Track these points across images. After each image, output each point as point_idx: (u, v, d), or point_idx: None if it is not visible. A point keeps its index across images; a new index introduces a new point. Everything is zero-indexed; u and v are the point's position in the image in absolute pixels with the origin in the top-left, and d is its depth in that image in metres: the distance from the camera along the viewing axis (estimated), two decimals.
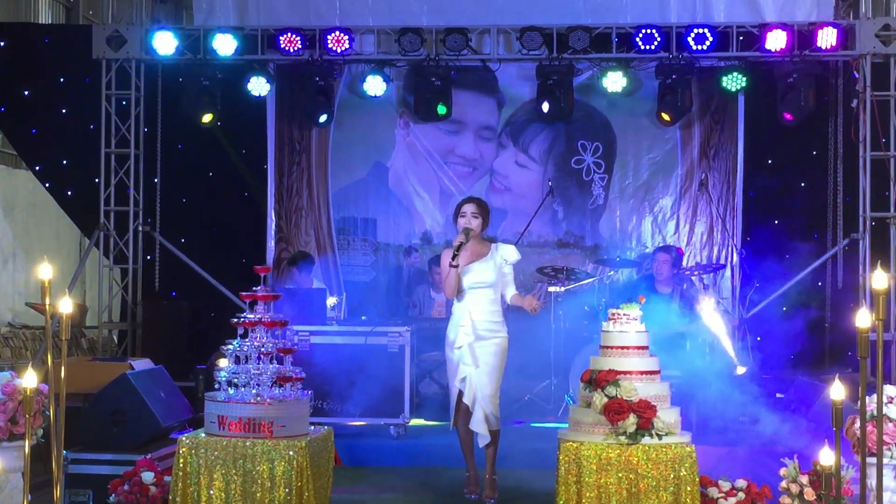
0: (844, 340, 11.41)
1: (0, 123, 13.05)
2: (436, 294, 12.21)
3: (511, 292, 8.02)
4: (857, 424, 5.78)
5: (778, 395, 9.96)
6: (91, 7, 16.08)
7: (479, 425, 7.87)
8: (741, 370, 9.60)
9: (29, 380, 4.31)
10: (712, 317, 10.03)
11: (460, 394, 7.92)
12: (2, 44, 12.40)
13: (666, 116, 11.87)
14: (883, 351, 4.41)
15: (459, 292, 7.95)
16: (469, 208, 8.05)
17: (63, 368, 4.41)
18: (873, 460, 4.85)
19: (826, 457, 4.54)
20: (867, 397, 5.67)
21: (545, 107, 11.88)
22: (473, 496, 7.96)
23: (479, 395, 7.85)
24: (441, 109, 12.02)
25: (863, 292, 11.31)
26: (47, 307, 4.29)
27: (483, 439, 7.91)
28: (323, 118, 12.30)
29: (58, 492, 4.66)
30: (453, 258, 7.83)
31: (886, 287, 4.31)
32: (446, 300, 11.93)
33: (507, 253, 8.03)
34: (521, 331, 12.12)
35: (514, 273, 8.09)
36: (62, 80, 12.45)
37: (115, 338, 12.67)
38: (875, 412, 4.98)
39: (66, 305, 4.28)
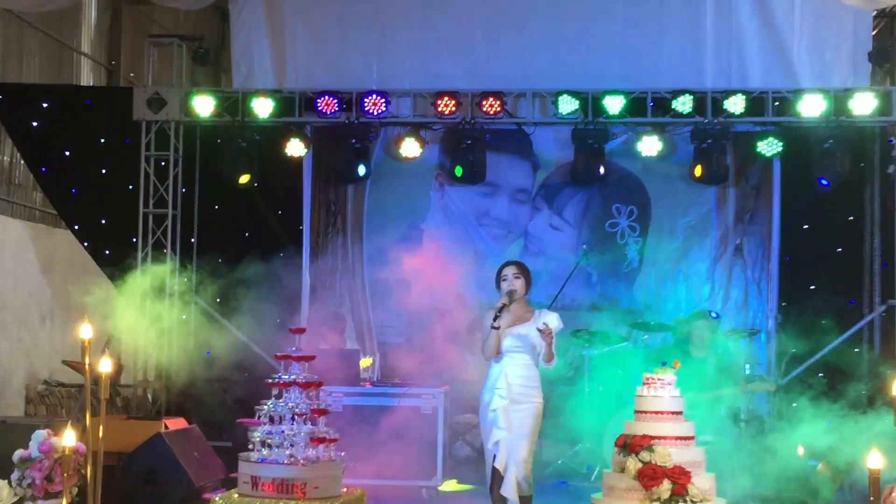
0: (882, 408, 11.27)
1: (41, 184, 13.25)
2: (470, 356, 12.18)
3: (549, 360, 7.95)
4: (895, 494, 5.72)
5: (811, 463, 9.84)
6: (132, 69, 16.32)
7: (510, 490, 7.78)
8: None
9: (68, 439, 4.34)
10: None
11: (494, 457, 7.87)
12: (45, 105, 12.60)
13: (698, 172, 11.80)
14: None
15: (498, 354, 7.92)
16: (510, 271, 8.05)
17: (101, 428, 4.43)
18: None
19: None
20: None
21: (601, 171, 11.87)
22: None
23: (512, 460, 7.77)
24: (457, 171, 12.05)
25: None
26: (87, 366, 4.33)
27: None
28: (359, 179, 12.39)
29: None
30: (495, 319, 7.79)
31: None
32: (480, 362, 11.93)
33: (550, 320, 7.97)
34: (555, 394, 12.12)
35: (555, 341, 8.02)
36: (103, 140, 12.63)
37: (150, 397, 12.70)
38: None
39: (105, 365, 4.31)
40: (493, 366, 8.00)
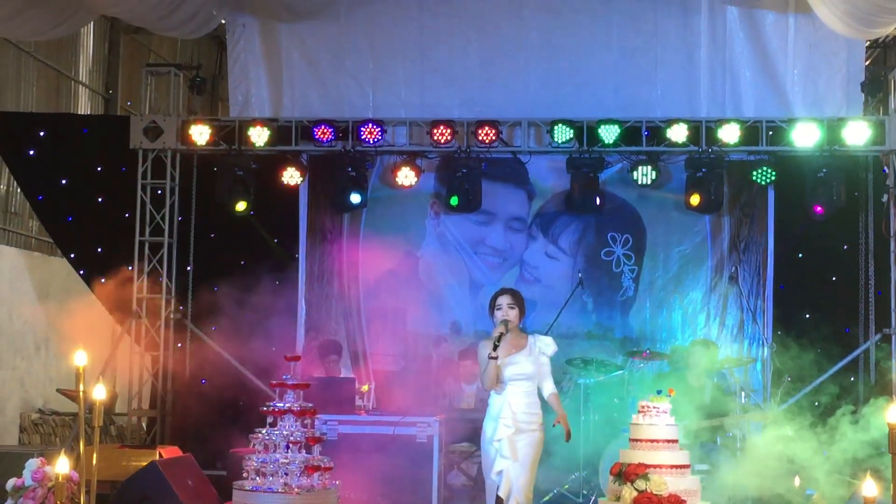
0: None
1: (37, 212, 13.27)
2: (466, 385, 12.17)
3: (549, 388, 7.95)
4: None
5: (809, 493, 9.83)
6: (129, 98, 16.39)
7: None
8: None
9: (61, 466, 4.34)
10: None
11: (498, 487, 7.83)
12: (41, 134, 12.64)
13: (694, 201, 11.82)
14: None
15: (499, 384, 7.91)
16: (505, 300, 8.03)
17: (95, 456, 4.43)
18: None
19: None
20: None
21: (596, 203, 11.92)
22: None
23: (514, 487, 7.76)
24: (453, 201, 12.07)
25: (895, 388, 11.20)
26: (81, 394, 4.33)
27: None
28: (353, 208, 12.42)
29: None
30: (494, 349, 7.78)
31: None
32: (476, 391, 11.94)
33: (545, 344, 8.00)
34: (551, 423, 12.09)
35: (549, 366, 8.06)
36: (99, 168, 12.65)
37: (144, 425, 12.68)
38: None
39: (99, 392, 4.32)
40: (494, 396, 7.97)
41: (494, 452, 7.84)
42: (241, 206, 12.10)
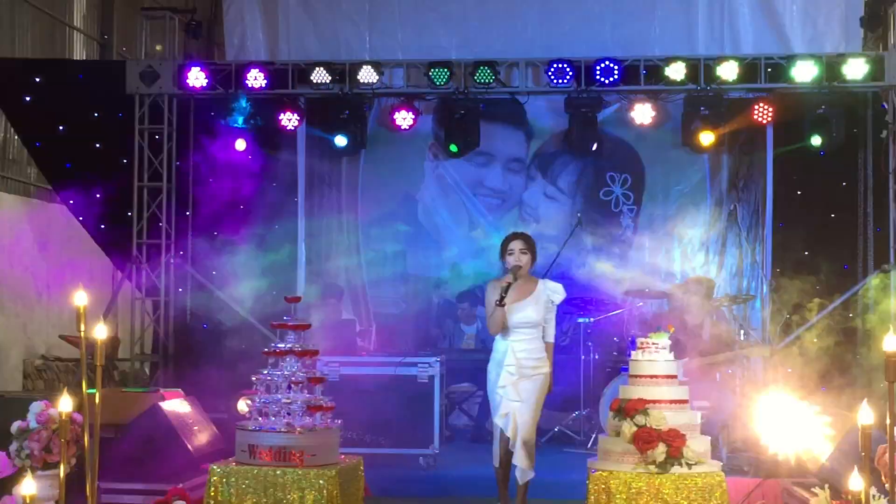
0: (876, 372, 11.33)
1: (35, 158, 13.22)
2: (465, 326, 12.24)
3: (548, 336, 7.97)
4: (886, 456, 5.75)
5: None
6: (124, 43, 16.27)
7: (521, 460, 7.82)
8: None
9: (64, 404, 4.37)
10: None
11: (500, 431, 7.88)
12: (37, 80, 12.57)
13: (692, 139, 11.76)
14: None
15: (504, 329, 7.91)
16: (517, 245, 7.97)
17: (98, 394, 4.46)
18: None
19: (857, 483, 4.52)
20: None
21: (593, 146, 11.88)
22: None
23: (522, 429, 7.80)
24: (453, 148, 12.02)
25: (894, 322, 11.24)
26: (82, 333, 4.35)
27: (526, 475, 7.86)
28: (353, 151, 12.39)
29: None
30: (501, 299, 7.75)
31: None
32: (476, 332, 12.00)
33: (555, 291, 7.97)
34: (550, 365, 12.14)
35: (556, 312, 8.06)
36: (96, 115, 12.59)
37: (147, 370, 12.74)
38: None
39: (101, 331, 4.34)
40: (498, 341, 7.98)
41: (499, 397, 7.87)
42: (240, 144, 12.05)
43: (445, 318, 12.46)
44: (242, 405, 7.17)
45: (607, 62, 11.60)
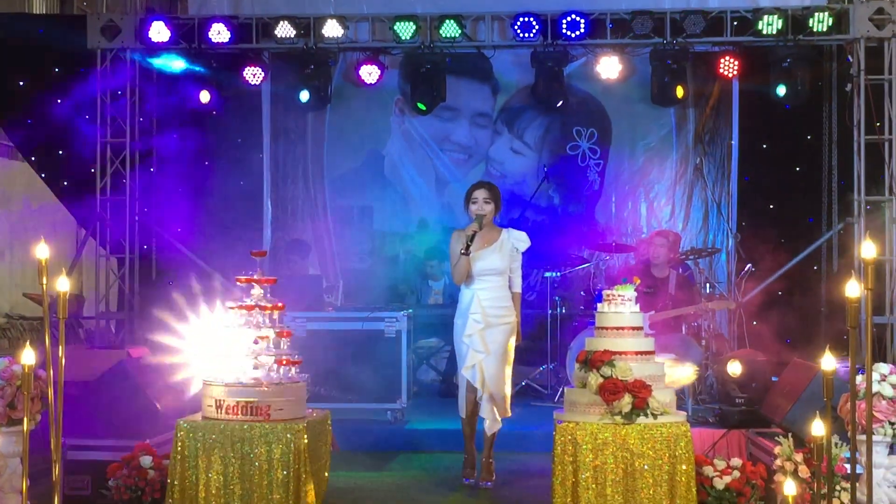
0: (840, 324, 11.43)
1: None
2: (433, 282, 12.24)
3: (516, 285, 8.00)
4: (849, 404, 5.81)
5: (773, 378, 9.99)
6: None
7: (488, 413, 7.86)
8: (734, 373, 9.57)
9: (27, 357, 4.33)
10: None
11: (467, 383, 7.90)
12: None
13: (669, 95, 11.70)
14: (873, 326, 4.44)
15: (469, 278, 7.91)
16: (481, 194, 7.98)
17: (62, 348, 4.43)
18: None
19: (818, 430, 4.57)
20: (861, 375, 5.72)
21: (557, 104, 11.82)
22: (469, 480, 7.99)
23: (490, 381, 7.82)
24: (420, 106, 11.94)
25: (857, 275, 11.32)
26: (44, 286, 4.31)
27: (493, 426, 7.91)
28: (318, 106, 12.30)
29: (56, 472, 4.67)
30: (466, 248, 7.76)
31: (874, 257, 4.34)
32: (443, 287, 12.01)
33: (519, 239, 7.99)
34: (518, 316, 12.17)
35: (521, 261, 8.08)
36: (57, 70, 12.44)
37: (113, 328, 12.68)
38: (871, 388, 5.01)
39: (63, 284, 4.29)
40: (463, 291, 7.99)
41: (466, 347, 7.89)
42: (205, 95, 11.93)
43: (413, 273, 12.45)
44: None
45: (573, 16, 11.54)
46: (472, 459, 8.06)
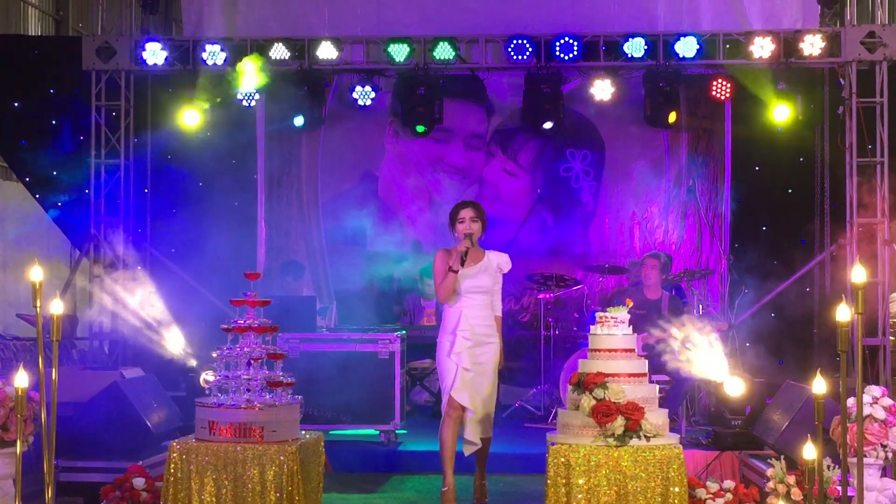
0: (833, 345, 11.46)
1: None
2: (426, 303, 12.25)
3: (497, 308, 7.99)
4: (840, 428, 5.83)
5: (766, 400, 10.01)
6: (81, 19, 16.12)
7: (472, 434, 7.77)
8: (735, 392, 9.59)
9: (20, 380, 4.34)
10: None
11: (450, 400, 7.79)
12: None
13: (651, 116, 11.78)
14: (866, 349, 4.45)
15: (455, 296, 7.89)
16: (468, 213, 7.98)
17: (55, 370, 4.44)
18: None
19: (810, 452, 4.58)
20: (853, 398, 5.73)
21: (547, 125, 11.86)
22: None
23: (480, 398, 7.78)
24: (419, 128, 11.98)
25: (849, 297, 11.35)
26: (38, 309, 4.32)
27: (471, 447, 7.81)
28: (312, 128, 12.33)
29: (49, 494, 4.67)
30: (462, 262, 7.75)
31: (864, 281, 4.37)
32: (437, 308, 12.02)
33: (502, 262, 8.01)
34: (511, 338, 12.22)
35: (502, 283, 8.10)
36: (52, 91, 12.45)
37: (107, 348, 12.66)
38: (864, 411, 5.03)
39: (57, 307, 4.31)
40: (448, 310, 7.96)
41: (454, 366, 7.80)
42: (196, 118, 11.94)
43: (406, 294, 12.46)
44: (209, 376, 7.12)
45: (567, 38, 11.59)
46: (452, 490, 7.71)
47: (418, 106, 11.91)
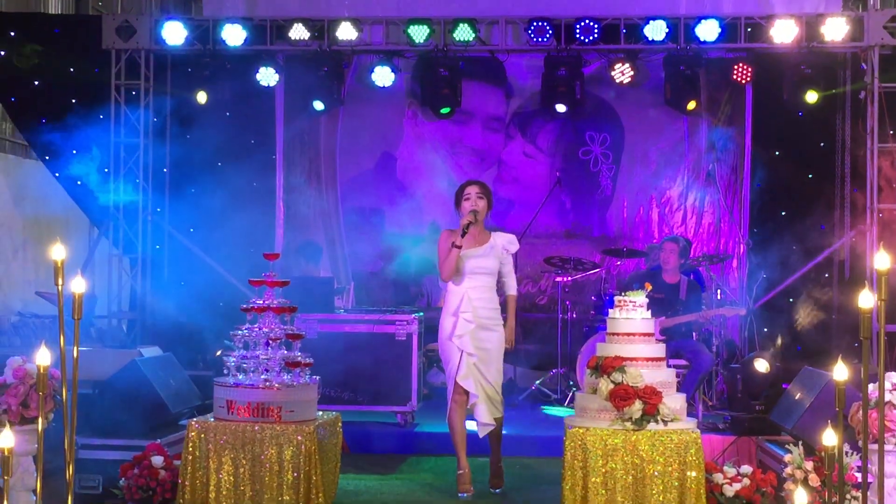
0: (852, 332, 11.42)
1: (11, 114, 13.13)
2: (443, 284, 12.23)
3: (511, 287, 7.94)
4: (860, 413, 5.81)
5: (784, 386, 9.99)
6: None
7: (483, 414, 7.75)
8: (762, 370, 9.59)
9: (42, 357, 4.36)
10: None
11: (456, 386, 7.73)
12: (12, 34, 12.43)
13: (671, 98, 11.75)
14: (886, 335, 4.43)
15: (458, 275, 7.82)
16: (473, 190, 7.92)
17: (76, 348, 4.45)
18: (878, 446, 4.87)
19: (829, 439, 4.56)
20: (873, 384, 5.71)
21: (560, 108, 11.84)
22: (464, 495, 7.71)
23: (485, 383, 7.76)
24: (445, 110, 11.96)
25: (869, 283, 11.30)
26: (59, 287, 4.33)
27: (486, 428, 7.80)
28: (331, 109, 12.33)
29: (70, 472, 4.69)
30: (463, 234, 7.68)
31: (888, 268, 4.34)
32: None
33: (508, 242, 7.93)
34: (529, 321, 12.22)
35: (518, 263, 8.02)
36: (72, 70, 12.47)
37: (125, 327, 12.72)
38: (883, 397, 5.00)
39: (79, 285, 4.32)
40: (452, 290, 7.84)
41: (457, 351, 7.72)
42: (202, 96, 11.98)
43: (424, 276, 12.47)
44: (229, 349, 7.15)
45: (587, 21, 11.56)
46: (467, 473, 7.74)
47: (443, 88, 11.89)
